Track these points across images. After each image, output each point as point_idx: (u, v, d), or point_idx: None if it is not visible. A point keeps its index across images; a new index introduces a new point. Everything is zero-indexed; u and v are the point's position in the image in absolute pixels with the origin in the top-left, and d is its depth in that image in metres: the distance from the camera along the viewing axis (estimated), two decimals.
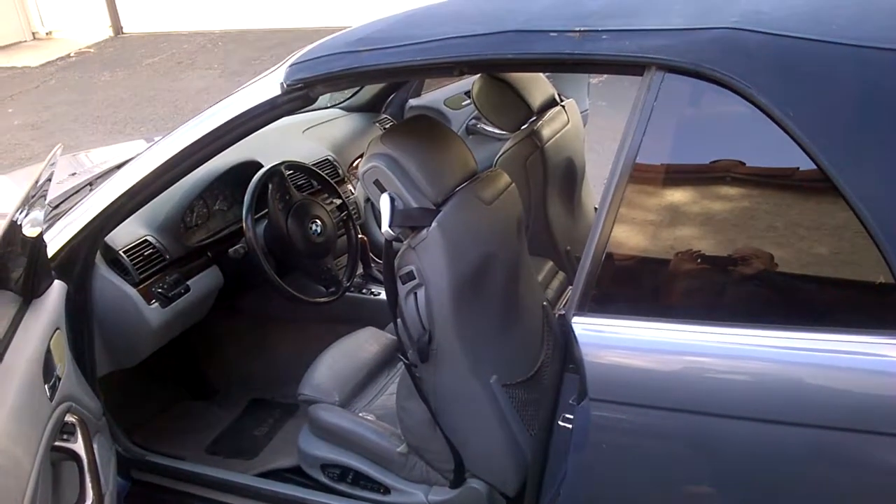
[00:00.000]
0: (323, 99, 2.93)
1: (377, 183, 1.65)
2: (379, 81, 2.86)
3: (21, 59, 9.49)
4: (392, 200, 1.64)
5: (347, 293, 2.58)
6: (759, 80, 1.22)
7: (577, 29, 1.34)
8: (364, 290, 2.73)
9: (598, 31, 1.33)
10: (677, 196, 1.35)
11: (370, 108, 3.29)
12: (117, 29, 10.23)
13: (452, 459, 1.82)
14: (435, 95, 3.43)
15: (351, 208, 2.71)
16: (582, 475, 1.41)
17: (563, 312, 1.36)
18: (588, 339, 1.33)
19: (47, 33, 10.57)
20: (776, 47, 1.24)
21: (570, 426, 1.41)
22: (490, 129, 3.33)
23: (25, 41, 10.41)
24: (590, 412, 1.34)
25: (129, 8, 10.16)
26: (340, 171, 2.91)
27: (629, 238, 1.34)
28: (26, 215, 1.49)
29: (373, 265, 2.80)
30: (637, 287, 1.39)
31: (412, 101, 3.38)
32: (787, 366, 1.24)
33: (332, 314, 2.58)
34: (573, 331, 1.33)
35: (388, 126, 3.26)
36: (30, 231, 1.52)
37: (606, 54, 1.32)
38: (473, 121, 3.40)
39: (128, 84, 8.09)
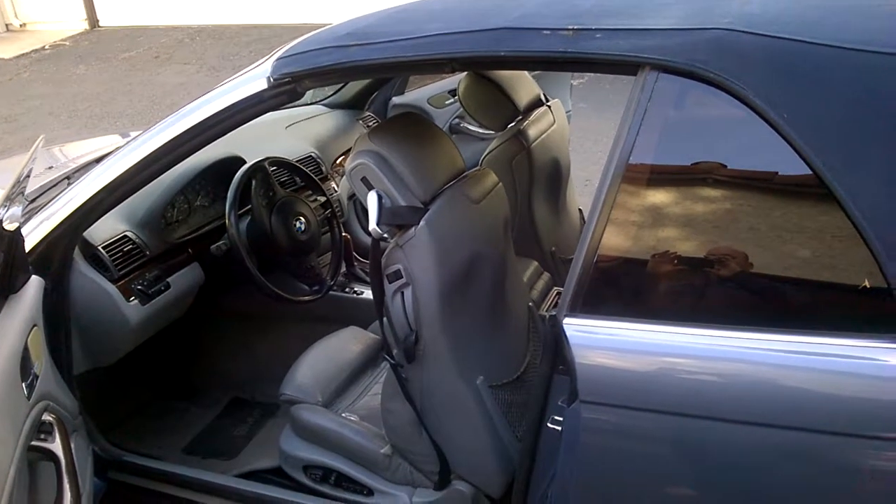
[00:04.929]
0: (305, 95, 2.90)
1: (364, 180, 1.63)
2: (368, 77, 2.83)
3: None
4: (380, 198, 1.61)
5: (330, 292, 2.55)
6: (754, 81, 1.21)
7: (571, 27, 1.33)
8: (347, 289, 2.70)
9: (591, 29, 1.32)
10: (670, 197, 1.34)
11: (353, 105, 3.26)
12: (93, 22, 10.09)
13: (437, 461, 1.80)
14: (418, 94, 3.41)
15: (335, 206, 2.69)
16: (572, 477, 1.40)
17: (553, 313, 1.35)
18: (579, 341, 1.32)
19: (21, 25, 10.40)
20: (771, 49, 1.24)
21: (559, 428, 1.40)
22: (473, 128, 3.32)
23: None
24: (580, 414, 1.33)
25: (106, 1, 10.02)
26: (324, 168, 2.88)
27: (621, 239, 1.33)
28: (7, 210, 1.46)
29: (356, 264, 2.78)
30: (629, 288, 1.38)
31: (395, 99, 3.36)
32: (779, 369, 1.23)
33: (315, 313, 2.55)
34: (564, 332, 1.32)
35: (371, 123, 3.24)
36: (7, 225, 1.48)
37: (600, 53, 1.31)
38: (457, 120, 3.38)
39: (104, 78, 7.98)
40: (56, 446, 1.60)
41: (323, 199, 2.61)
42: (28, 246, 1.75)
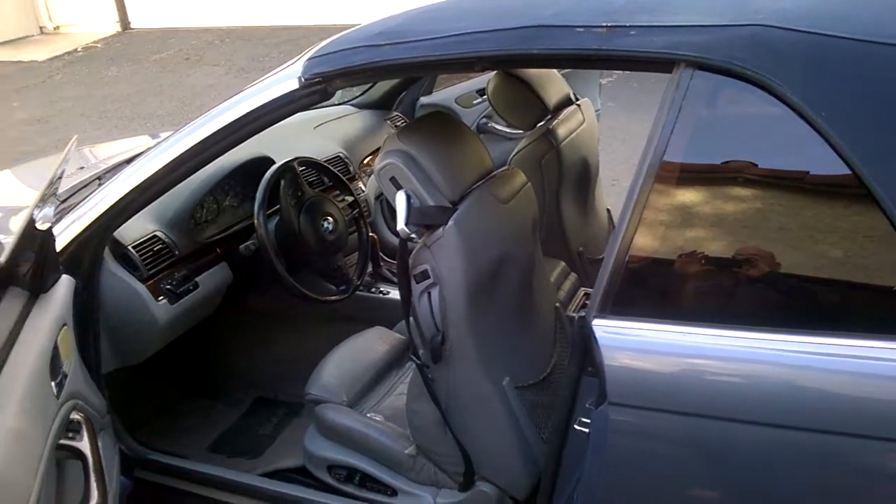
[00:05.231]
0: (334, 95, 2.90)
1: (393, 180, 1.62)
2: (399, 76, 2.82)
3: (28, 53, 9.48)
4: (408, 198, 1.60)
5: (356, 292, 2.55)
6: (791, 78, 1.19)
7: (605, 24, 1.31)
8: (373, 290, 2.70)
9: (625, 26, 1.30)
10: (704, 197, 1.32)
11: (381, 106, 3.26)
12: (125, 24, 10.21)
13: (462, 462, 1.79)
14: (446, 93, 3.40)
15: (362, 206, 2.68)
16: (599, 479, 1.38)
17: (582, 314, 1.33)
18: (609, 342, 1.30)
19: (55, 28, 10.56)
20: (808, 45, 1.21)
21: (586, 430, 1.38)
22: (500, 127, 3.30)
23: (33, 35, 10.40)
24: (609, 416, 1.31)
25: (137, 3, 10.14)
26: (351, 169, 2.88)
27: (653, 239, 1.31)
28: (40, 211, 1.47)
29: (382, 264, 2.77)
30: (660, 290, 1.36)
31: (423, 99, 3.35)
32: (814, 372, 1.20)
33: (341, 313, 2.55)
34: (594, 333, 1.30)
35: (399, 123, 3.23)
36: (39, 225, 1.49)
37: (634, 50, 1.29)
38: (484, 119, 3.37)
39: (134, 79, 8.07)
40: (84, 445, 1.61)
41: (350, 198, 2.61)
42: (59, 245, 1.76)
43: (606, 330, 1.30)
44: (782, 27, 1.22)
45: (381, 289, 2.71)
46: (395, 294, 2.62)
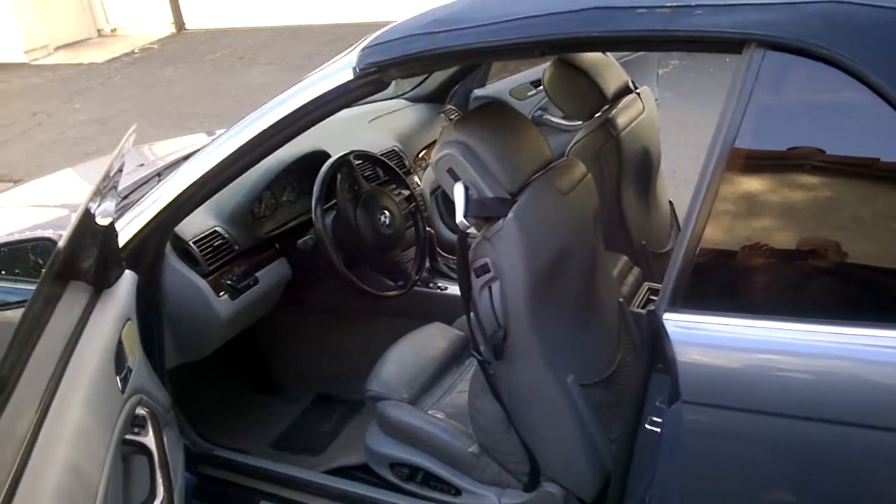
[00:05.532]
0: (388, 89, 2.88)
1: (451, 171, 1.59)
2: (455, 64, 2.77)
3: (87, 55, 9.69)
4: (466, 189, 1.57)
5: (414, 287, 2.53)
6: (872, 57, 1.12)
7: (668, 4, 1.25)
8: (431, 285, 2.67)
9: (690, 6, 1.25)
10: (777, 185, 1.26)
11: (435, 99, 3.22)
12: (179, 25, 10.37)
13: (527, 461, 1.75)
14: (500, 85, 3.34)
15: (418, 200, 2.66)
16: (673, 481, 1.33)
17: (652, 308, 1.28)
18: (681, 337, 1.25)
19: (112, 30, 10.77)
20: (889, 21, 1.14)
21: (657, 429, 1.34)
22: (556, 119, 3.24)
23: (91, 38, 10.62)
24: (682, 415, 1.26)
25: (191, 5, 10.29)
26: (407, 162, 2.86)
27: (725, 230, 1.25)
28: (99, 205, 1.47)
29: (439, 259, 2.75)
30: (734, 282, 1.30)
31: (477, 92, 3.30)
32: None
33: (398, 308, 2.53)
34: (665, 328, 1.25)
35: (453, 116, 3.20)
36: (101, 221, 1.50)
37: (701, 30, 1.23)
38: (539, 111, 3.30)
39: (191, 79, 8.18)
40: (149, 440, 1.62)
41: (407, 192, 2.58)
42: (121, 241, 1.77)
43: (678, 324, 1.25)
44: (861, 3, 1.16)
45: (439, 284, 2.68)
46: (452, 289, 2.59)
